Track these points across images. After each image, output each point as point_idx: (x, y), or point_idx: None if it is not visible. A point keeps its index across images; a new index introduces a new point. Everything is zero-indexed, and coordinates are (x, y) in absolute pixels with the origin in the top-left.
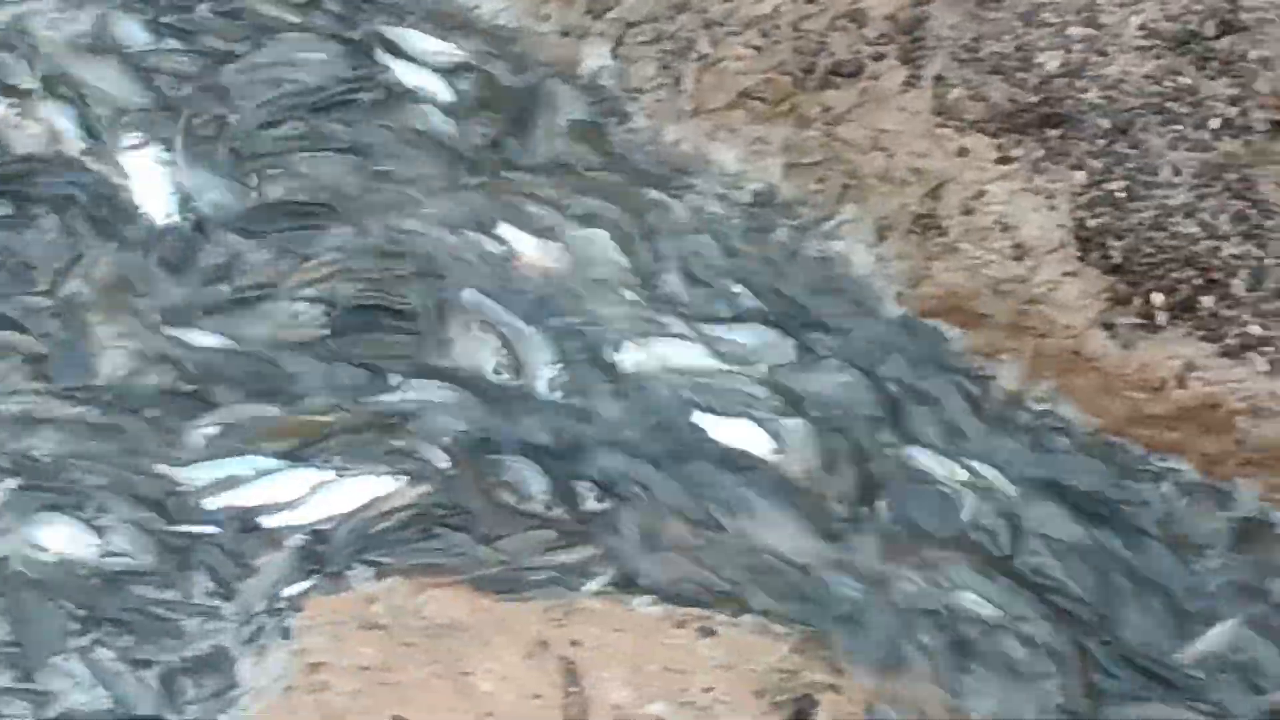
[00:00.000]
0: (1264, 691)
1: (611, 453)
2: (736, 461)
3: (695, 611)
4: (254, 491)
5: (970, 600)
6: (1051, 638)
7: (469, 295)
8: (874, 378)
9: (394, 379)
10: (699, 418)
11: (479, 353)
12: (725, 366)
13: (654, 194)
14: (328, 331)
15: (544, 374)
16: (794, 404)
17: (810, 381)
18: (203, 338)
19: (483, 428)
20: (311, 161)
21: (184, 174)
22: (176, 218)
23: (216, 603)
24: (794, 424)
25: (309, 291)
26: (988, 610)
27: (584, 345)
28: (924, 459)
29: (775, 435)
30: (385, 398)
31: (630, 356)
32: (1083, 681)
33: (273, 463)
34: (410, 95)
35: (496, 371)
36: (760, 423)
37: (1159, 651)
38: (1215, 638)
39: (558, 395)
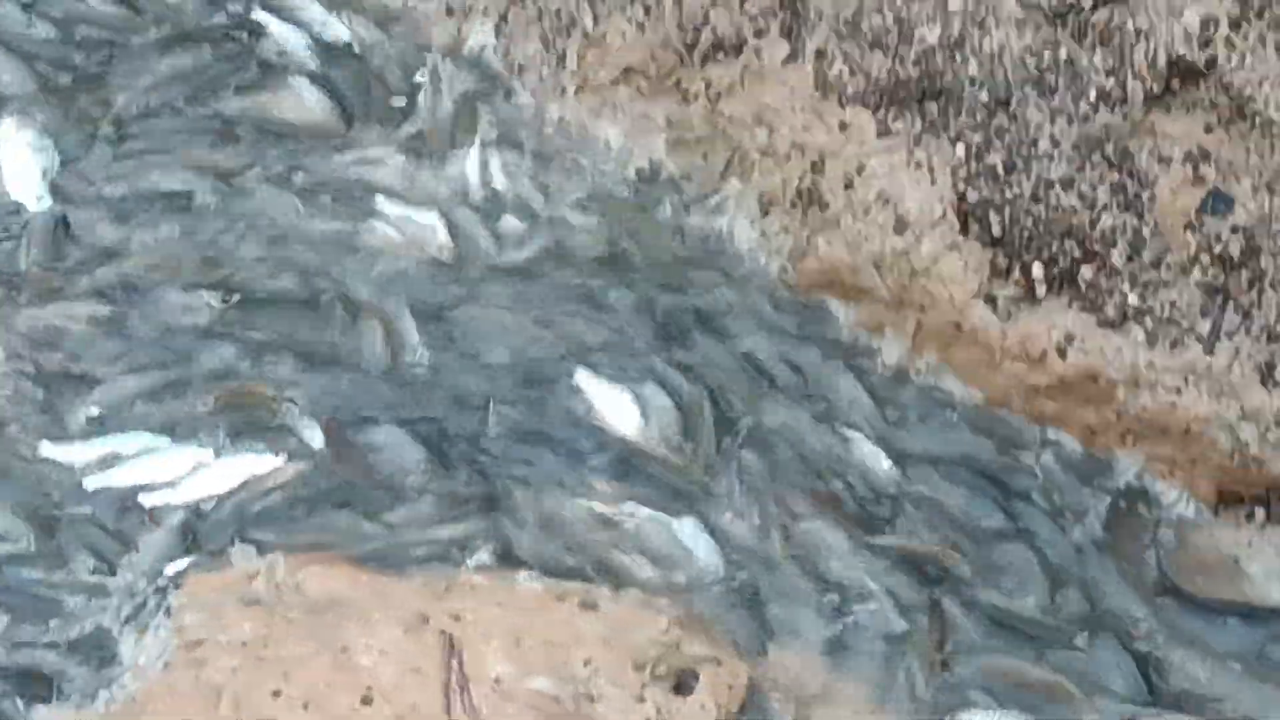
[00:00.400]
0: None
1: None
2: (604, 431)
3: (576, 586)
4: (134, 470)
5: (839, 566)
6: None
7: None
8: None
9: (274, 359)
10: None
11: (363, 337)
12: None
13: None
14: (208, 315)
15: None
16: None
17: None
18: (79, 321)
19: (360, 406)
20: (191, 145)
21: (57, 159)
22: (47, 203)
23: (98, 579)
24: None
25: (188, 276)
26: (855, 576)
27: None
28: (796, 429)
29: (643, 404)
30: (265, 378)
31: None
32: (937, 640)
33: (154, 441)
34: (291, 74)
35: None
36: (631, 391)
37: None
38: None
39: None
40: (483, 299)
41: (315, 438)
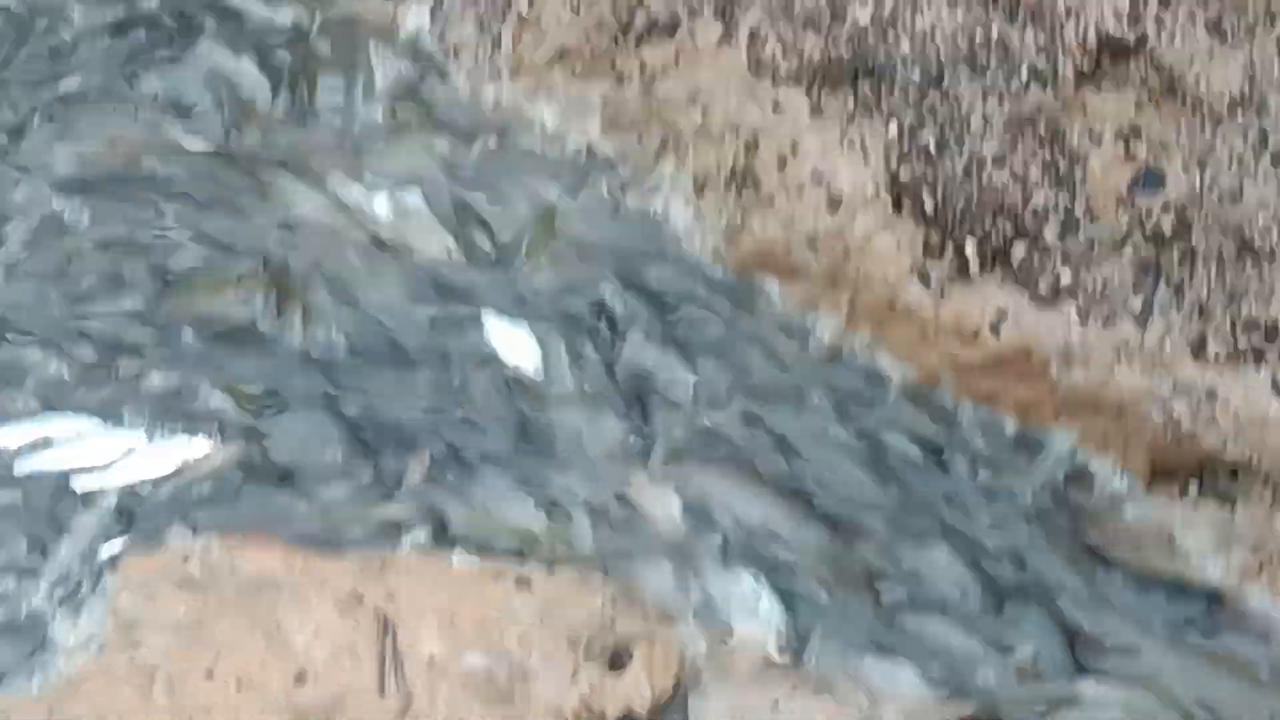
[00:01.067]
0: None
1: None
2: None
3: (511, 564)
4: (67, 453)
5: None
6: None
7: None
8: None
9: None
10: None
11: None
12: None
13: (473, 153)
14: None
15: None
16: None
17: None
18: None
19: (285, 386)
20: (128, 125)
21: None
22: None
23: (29, 564)
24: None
25: (127, 259)
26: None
27: None
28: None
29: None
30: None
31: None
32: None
33: (86, 424)
34: (228, 58)
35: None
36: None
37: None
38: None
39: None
40: None
41: (248, 418)
